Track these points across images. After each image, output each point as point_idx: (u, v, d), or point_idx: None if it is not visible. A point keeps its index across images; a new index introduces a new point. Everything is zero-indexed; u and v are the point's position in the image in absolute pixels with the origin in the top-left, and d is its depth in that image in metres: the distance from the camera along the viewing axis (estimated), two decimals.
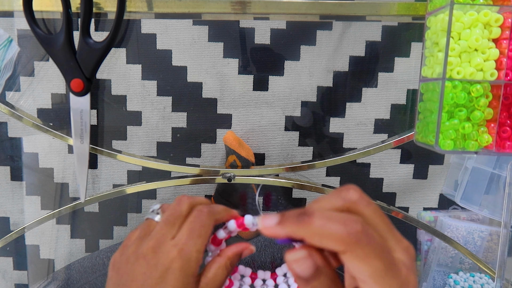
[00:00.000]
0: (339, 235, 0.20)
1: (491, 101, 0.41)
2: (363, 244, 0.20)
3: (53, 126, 0.49)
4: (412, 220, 0.55)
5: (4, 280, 0.91)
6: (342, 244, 0.20)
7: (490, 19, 0.39)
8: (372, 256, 0.20)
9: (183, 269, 0.27)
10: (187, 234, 0.28)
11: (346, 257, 0.21)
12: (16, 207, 0.89)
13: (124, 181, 0.88)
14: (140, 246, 0.28)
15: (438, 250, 0.84)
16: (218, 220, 0.30)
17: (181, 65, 0.83)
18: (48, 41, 0.40)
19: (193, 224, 0.29)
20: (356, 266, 0.21)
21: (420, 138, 0.45)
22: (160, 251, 0.27)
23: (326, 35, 0.82)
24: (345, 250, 0.20)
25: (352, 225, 0.20)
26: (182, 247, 0.27)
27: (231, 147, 0.79)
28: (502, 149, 0.41)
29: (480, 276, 0.83)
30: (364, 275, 0.21)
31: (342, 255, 0.21)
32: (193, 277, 0.28)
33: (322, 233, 0.21)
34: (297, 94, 0.84)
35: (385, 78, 0.84)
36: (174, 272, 0.27)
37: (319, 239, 0.21)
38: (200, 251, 0.28)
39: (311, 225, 0.21)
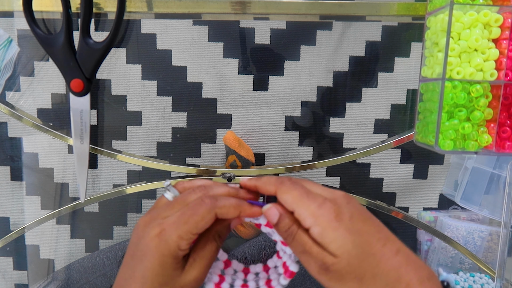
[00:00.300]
0: (274, 181, 0.32)
1: (491, 101, 0.41)
2: (286, 183, 0.31)
3: (53, 126, 0.49)
4: (412, 220, 0.55)
5: (4, 280, 0.91)
6: (274, 186, 0.31)
7: (490, 19, 0.39)
8: (292, 189, 0.30)
9: (159, 248, 0.28)
10: (176, 218, 0.29)
11: (278, 195, 0.31)
12: (16, 207, 0.89)
13: (124, 181, 0.88)
14: (141, 218, 0.31)
15: (438, 250, 0.84)
16: (223, 215, 0.30)
17: (181, 65, 0.83)
18: (48, 41, 0.40)
19: (186, 210, 0.30)
20: (283, 199, 0.30)
21: (420, 138, 0.45)
22: (148, 227, 0.29)
23: (326, 35, 0.82)
24: (275, 189, 0.31)
25: (280, 177, 0.32)
26: (165, 227, 0.29)
27: (231, 147, 0.79)
28: (502, 149, 0.41)
29: (480, 276, 0.83)
30: (289, 202, 0.30)
31: (278, 195, 0.31)
32: (172, 259, 0.29)
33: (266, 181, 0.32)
34: (297, 94, 0.84)
35: (385, 78, 0.84)
36: (151, 249, 0.29)
37: (264, 185, 0.32)
38: (182, 237, 0.29)
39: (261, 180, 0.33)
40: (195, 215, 0.29)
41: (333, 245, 0.28)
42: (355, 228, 0.28)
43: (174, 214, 0.30)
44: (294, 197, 0.30)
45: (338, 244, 0.28)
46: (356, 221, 0.29)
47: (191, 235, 0.29)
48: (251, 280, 0.36)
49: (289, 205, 0.30)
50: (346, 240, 0.28)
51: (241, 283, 0.36)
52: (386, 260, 0.28)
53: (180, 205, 0.31)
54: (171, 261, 0.29)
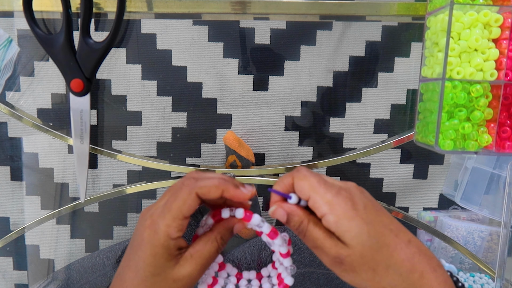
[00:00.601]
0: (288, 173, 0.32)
1: (491, 101, 0.41)
2: (302, 171, 0.31)
3: (53, 126, 0.49)
4: (412, 220, 0.55)
5: (4, 280, 0.91)
6: (290, 176, 0.31)
7: (490, 19, 0.39)
8: (308, 176, 0.30)
9: (150, 238, 0.29)
10: (161, 207, 0.30)
11: (295, 182, 0.31)
12: (16, 207, 0.89)
13: (124, 181, 0.88)
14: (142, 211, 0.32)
15: (438, 250, 0.84)
16: (204, 195, 0.30)
17: (181, 65, 0.83)
18: (48, 41, 0.40)
19: (169, 197, 0.30)
20: (300, 185, 0.30)
21: (420, 138, 0.45)
22: (142, 218, 0.30)
23: (326, 35, 0.82)
24: (292, 178, 0.31)
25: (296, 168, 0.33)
26: (154, 218, 0.29)
27: (231, 147, 0.79)
28: (502, 149, 0.41)
29: (480, 276, 0.83)
30: (305, 189, 0.30)
31: (294, 183, 0.31)
32: (163, 249, 0.29)
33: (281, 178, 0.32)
34: (297, 94, 0.84)
35: (385, 78, 0.84)
36: (144, 240, 0.29)
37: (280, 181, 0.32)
38: (168, 225, 0.29)
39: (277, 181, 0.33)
40: (177, 200, 0.29)
41: (348, 235, 0.28)
42: (370, 218, 0.28)
43: (161, 203, 0.31)
44: (310, 184, 0.30)
45: (353, 234, 0.28)
46: (370, 211, 0.29)
47: (178, 221, 0.29)
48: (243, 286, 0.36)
49: (305, 192, 0.30)
50: (361, 230, 0.28)
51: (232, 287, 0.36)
52: (400, 251, 0.28)
53: (169, 192, 0.31)
54: (162, 252, 0.29)
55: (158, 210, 0.30)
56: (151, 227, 0.29)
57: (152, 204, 0.32)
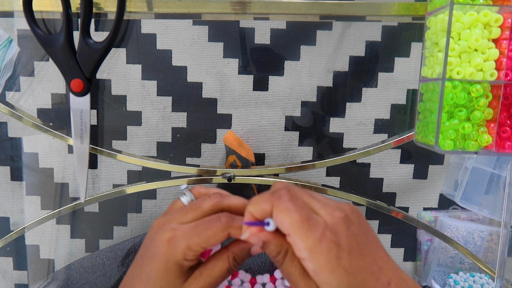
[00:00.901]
0: (268, 197, 0.28)
1: (491, 101, 0.41)
2: (283, 200, 0.27)
3: (53, 126, 0.49)
4: (412, 220, 0.55)
5: (4, 280, 0.91)
6: (269, 203, 0.27)
7: (490, 19, 0.39)
8: (291, 210, 0.27)
9: (167, 254, 0.29)
10: (189, 228, 0.29)
11: (274, 213, 0.27)
12: (16, 207, 0.89)
13: (124, 181, 0.88)
14: (156, 220, 0.31)
15: (438, 250, 0.84)
16: (236, 235, 0.30)
17: (181, 65, 0.83)
18: (48, 41, 0.40)
19: (201, 223, 0.29)
20: (279, 219, 0.27)
21: (420, 138, 0.45)
22: (161, 229, 0.30)
23: (326, 35, 0.82)
24: (271, 207, 0.27)
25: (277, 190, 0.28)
26: (176, 234, 0.29)
27: (231, 147, 0.79)
28: (502, 149, 0.41)
29: (480, 276, 0.83)
30: (286, 225, 0.27)
31: (274, 213, 0.27)
32: (177, 266, 0.29)
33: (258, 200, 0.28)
34: (297, 94, 0.84)
35: (385, 78, 0.84)
36: (159, 253, 0.29)
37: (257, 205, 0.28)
38: (190, 247, 0.28)
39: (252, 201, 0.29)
40: (209, 230, 0.29)
41: (326, 287, 0.26)
42: (353, 267, 0.26)
43: (189, 223, 0.30)
44: (292, 221, 0.26)
45: (332, 285, 0.26)
46: (354, 256, 0.27)
47: (199, 248, 0.29)
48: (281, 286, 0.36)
49: (285, 229, 0.27)
50: (341, 283, 0.26)
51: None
52: None
53: (194, 211, 0.31)
54: (175, 268, 0.29)
55: (182, 228, 0.29)
56: (171, 242, 0.29)
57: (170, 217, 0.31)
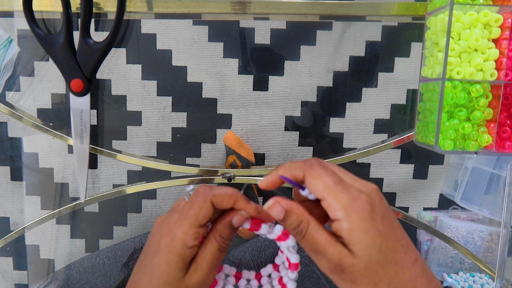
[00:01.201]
0: (300, 164, 0.29)
1: (491, 101, 0.41)
2: (315, 167, 0.28)
3: (53, 126, 0.49)
4: (412, 220, 0.55)
5: (4, 280, 0.91)
6: (301, 170, 0.28)
7: (490, 19, 0.39)
8: (323, 175, 0.27)
9: (167, 246, 0.29)
10: (178, 215, 0.30)
11: (307, 180, 0.28)
12: (16, 207, 0.89)
13: (124, 181, 0.88)
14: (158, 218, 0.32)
15: (438, 250, 0.84)
16: (218, 203, 0.30)
17: (181, 65, 0.83)
18: (48, 41, 0.40)
19: (186, 206, 0.30)
20: (312, 184, 0.27)
21: (420, 138, 0.45)
22: (160, 226, 0.30)
23: (326, 35, 0.82)
24: (303, 174, 0.28)
25: (308, 160, 0.29)
26: (171, 226, 0.30)
27: (231, 147, 0.79)
28: (502, 149, 0.41)
29: (480, 276, 0.83)
30: (320, 190, 0.27)
31: (307, 180, 0.28)
32: (179, 257, 0.29)
33: (290, 166, 0.29)
34: (297, 94, 0.84)
35: (385, 78, 0.84)
36: (160, 248, 0.29)
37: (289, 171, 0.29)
38: (185, 232, 0.29)
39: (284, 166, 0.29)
40: (193, 207, 0.29)
41: (359, 246, 0.26)
42: (385, 231, 0.27)
43: (177, 212, 0.31)
44: (326, 185, 0.27)
45: (364, 246, 0.26)
46: (387, 223, 0.27)
47: (194, 228, 0.29)
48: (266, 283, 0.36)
49: (320, 193, 0.27)
50: (374, 244, 0.26)
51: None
52: (405, 270, 0.27)
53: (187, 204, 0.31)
54: (177, 260, 0.29)
55: (174, 218, 0.30)
56: (168, 234, 0.29)
57: (169, 213, 0.32)
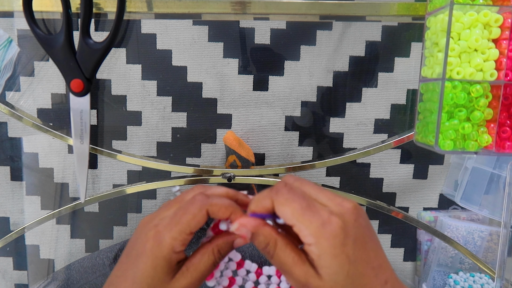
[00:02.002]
0: (267, 193, 0.28)
1: (491, 102, 0.41)
2: (282, 193, 0.27)
3: (53, 126, 0.49)
4: (412, 220, 0.55)
5: (4, 280, 0.91)
6: (269, 199, 0.28)
7: (490, 19, 0.39)
8: (290, 201, 0.27)
9: (153, 250, 0.28)
10: (169, 218, 0.29)
11: (276, 207, 0.28)
12: (16, 207, 0.89)
13: (124, 181, 0.88)
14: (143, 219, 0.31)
15: (438, 250, 0.84)
16: (213, 213, 0.29)
17: (181, 65, 0.83)
18: (48, 41, 0.40)
19: (179, 210, 0.29)
20: (281, 211, 0.27)
21: (420, 138, 0.45)
22: (145, 227, 0.30)
23: (326, 35, 0.82)
24: (272, 202, 0.28)
25: (276, 186, 0.29)
26: (159, 229, 0.29)
27: (231, 147, 0.79)
28: (502, 149, 0.41)
29: (480, 276, 0.83)
30: (288, 216, 0.27)
31: (275, 207, 0.28)
32: (165, 261, 0.28)
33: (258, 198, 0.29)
34: (297, 94, 0.84)
35: (385, 78, 0.84)
36: (146, 251, 0.29)
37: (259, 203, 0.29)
38: (174, 238, 0.28)
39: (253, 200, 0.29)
40: (186, 214, 0.29)
41: (326, 270, 0.26)
42: (355, 256, 0.26)
43: (168, 215, 0.30)
44: (293, 211, 0.27)
45: (331, 271, 0.26)
46: (359, 246, 0.27)
47: (184, 235, 0.29)
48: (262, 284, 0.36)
49: (289, 219, 0.27)
50: (341, 270, 0.26)
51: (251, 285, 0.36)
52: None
53: (176, 204, 0.31)
54: (164, 264, 0.28)
55: (164, 221, 0.29)
56: (155, 238, 0.29)
57: (154, 214, 0.31)
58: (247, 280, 0.36)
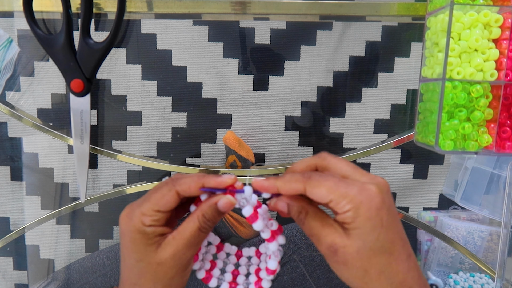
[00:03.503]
0: (299, 177, 0.29)
1: (491, 102, 0.41)
2: (314, 178, 0.29)
3: (53, 126, 0.49)
4: (412, 220, 0.55)
5: (4, 280, 0.91)
6: (301, 183, 0.29)
7: (490, 19, 0.39)
8: (322, 181, 0.28)
9: (127, 226, 0.30)
10: (142, 198, 0.32)
11: (309, 192, 0.28)
12: (16, 207, 0.89)
13: (124, 181, 0.88)
14: None
15: (438, 250, 0.84)
16: (184, 191, 0.31)
17: (181, 65, 0.83)
18: (48, 41, 0.40)
19: (151, 191, 0.32)
20: (316, 193, 0.28)
21: (420, 138, 0.45)
22: (123, 213, 0.32)
23: (326, 35, 0.82)
24: (304, 187, 0.29)
25: (306, 172, 0.30)
26: (132, 207, 0.31)
27: (231, 147, 0.79)
28: (502, 150, 0.41)
29: (480, 276, 0.83)
30: (324, 195, 0.28)
31: (308, 191, 0.28)
32: (140, 234, 0.30)
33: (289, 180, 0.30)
34: (297, 94, 0.84)
35: (385, 78, 0.84)
36: (122, 228, 0.31)
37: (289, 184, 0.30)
38: (144, 213, 0.30)
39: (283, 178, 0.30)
40: (156, 193, 0.31)
41: (357, 231, 0.27)
42: (388, 222, 0.27)
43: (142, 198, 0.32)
44: (328, 188, 0.28)
45: (362, 232, 0.27)
46: (392, 214, 0.28)
47: (152, 211, 0.30)
48: (243, 265, 0.37)
49: (324, 197, 0.28)
50: (373, 232, 0.27)
51: (232, 268, 0.36)
52: (399, 262, 0.28)
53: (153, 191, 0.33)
54: (140, 237, 0.30)
55: (137, 201, 0.32)
56: (128, 215, 0.31)
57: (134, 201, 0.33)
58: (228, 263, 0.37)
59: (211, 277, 0.35)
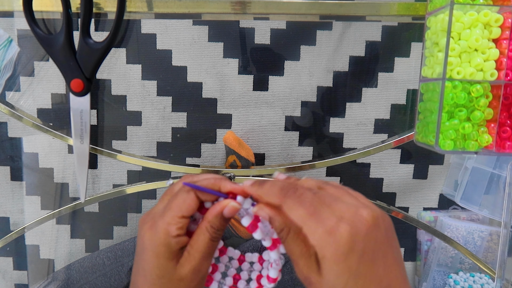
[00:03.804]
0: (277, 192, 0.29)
1: (491, 101, 0.41)
2: (291, 198, 0.28)
3: (53, 126, 0.49)
4: (412, 220, 0.55)
5: (4, 280, 0.91)
6: (278, 198, 0.29)
7: (490, 19, 0.39)
8: (298, 205, 0.27)
9: (151, 239, 0.29)
10: (162, 207, 0.31)
11: (285, 210, 0.28)
12: (16, 207, 0.89)
13: (124, 181, 0.88)
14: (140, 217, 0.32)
15: (438, 250, 0.84)
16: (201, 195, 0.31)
17: (181, 65, 0.83)
18: (48, 41, 0.40)
19: (171, 199, 0.31)
20: (290, 215, 0.28)
21: (420, 138, 0.45)
22: (143, 223, 0.31)
23: (326, 35, 0.82)
24: (279, 202, 0.28)
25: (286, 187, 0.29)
26: (154, 219, 0.30)
27: (231, 147, 0.79)
28: (502, 149, 0.41)
29: (480, 276, 0.83)
30: (296, 220, 0.27)
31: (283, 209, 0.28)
32: (165, 247, 0.29)
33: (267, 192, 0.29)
34: (297, 94, 0.84)
35: (385, 78, 0.84)
36: (146, 242, 0.30)
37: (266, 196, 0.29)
38: (168, 222, 0.29)
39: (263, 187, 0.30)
40: (176, 199, 0.30)
41: (326, 272, 0.26)
42: (359, 271, 0.25)
43: (161, 205, 0.31)
44: (299, 217, 0.27)
45: (331, 276, 0.26)
46: (366, 261, 0.25)
47: (177, 219, 0.30)
48: (245, 270, 0.36)
49: (298, 222, 0.27)
50: (340, 279, 0.25)
51: (234, 272, 0.36)
52: None
53: (167, 196, 0.32)
54: (164, 251, 0.29)
55: (158, 211, 0.31)
56: (151, 228, 0.30)
57: (150, 210, 0.32)
58: (230, 267, 0.37)
59: (212, 280, 0.35)
